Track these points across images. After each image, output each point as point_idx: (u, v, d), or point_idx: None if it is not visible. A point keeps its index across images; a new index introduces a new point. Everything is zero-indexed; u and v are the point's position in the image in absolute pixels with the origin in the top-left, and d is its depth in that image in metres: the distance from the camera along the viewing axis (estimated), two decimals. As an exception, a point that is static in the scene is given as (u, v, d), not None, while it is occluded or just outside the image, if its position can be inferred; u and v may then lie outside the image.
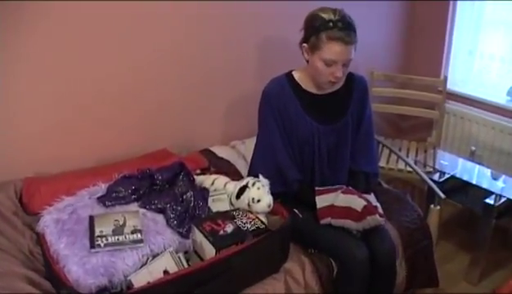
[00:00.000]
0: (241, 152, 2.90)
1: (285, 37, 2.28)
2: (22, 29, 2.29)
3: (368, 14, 3.54)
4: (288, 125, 2.26)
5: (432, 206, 2.60)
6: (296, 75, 2.31)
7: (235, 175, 2.47)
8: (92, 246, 1.81)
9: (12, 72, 2.33)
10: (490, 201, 2.83)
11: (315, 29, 2.09)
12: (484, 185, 3.02)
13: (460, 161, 3.40)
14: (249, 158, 2.47)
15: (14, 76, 2.34)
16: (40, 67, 2.39)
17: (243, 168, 2.69)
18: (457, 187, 3.12)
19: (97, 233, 1.85)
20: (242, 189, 2.07)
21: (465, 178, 3.13)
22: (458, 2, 3.59)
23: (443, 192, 2.62)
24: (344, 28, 2.05)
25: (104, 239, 1.83)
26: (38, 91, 2.42)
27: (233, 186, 2.15)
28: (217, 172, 2.44)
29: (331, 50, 2.07)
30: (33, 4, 2.26)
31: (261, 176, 2.13)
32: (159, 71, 2.76)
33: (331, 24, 2.05)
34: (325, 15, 2.07)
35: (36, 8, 2.28)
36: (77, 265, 1.75)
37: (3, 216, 2.18)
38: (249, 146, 2.68)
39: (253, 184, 2.07)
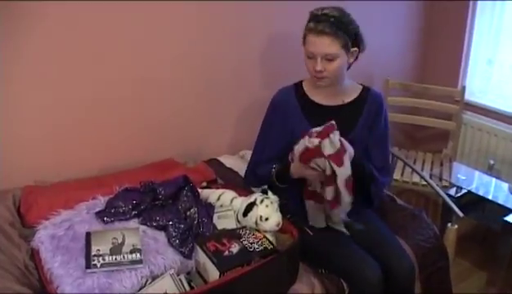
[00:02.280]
0: (250, 163, 2.78)
1: (294, 45, 2.19)
2: (23, 34, 2.22)
3: (383, 21, 3.47)
4: (291, 135, 2.16)
5: (449, 224, 2.46)
6: (305, 84, 2.25)
7: (242, 188, 2.35)
8: (88, 266, 1.70)
9: (12, 76, 2.26)
10: (509, 219, 2.70)
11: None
12: (503, 201, 2.89)
13: (478, 175, 3.27)
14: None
15: (14, 81, 2.27)
16: (41, 72, 2.32)
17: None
18: (474, 202, 3.00)
19: (94, 252, 1.74)
20: (250, 206, 1.95)
21: (482, 193, 3.00)
22: (478, 8, 3.48)
23: (459, 208, 2.49)
24: (320, 20, 2.02)
25: (101, 259, 1.72)
26: (39, 97, 2.35)
27: (240, 202, 2.03)
28: (224, 186, 2.33)
29: (308, 41, 2.07)
30: (33, 5, 2.19)
31: (270, 193, 2.02)
32: (166, 78, 2.68)
33: (312, 17, 2.07)
34: (314, 11, 2.09)
35: (36, 10, 2.21)
36: (71, 286, 1.65)
37: (0, 227, 2.07)
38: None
39: (262, 202, 1.95)
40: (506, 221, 2.70)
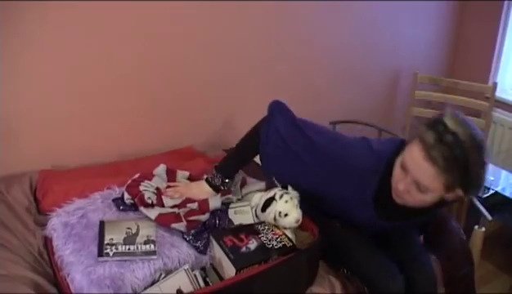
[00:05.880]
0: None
1: (313, 36, 2.10)
2: (42, 15, 2.17)
3: (413, 11, 3.37)
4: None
5: (476, 227, 2.36)
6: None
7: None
8: (100, 254, 1.66)
9: (32, 56, 2.21)
10: (538, 223, 2.61)
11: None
12: (531, 204, 2.79)
13: (505, 175, 3.16)
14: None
15: (34, 60, 2.22)
16: (62, 52, 2.27)
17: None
18: (500, 203, 2.89)
19: (107, 240, 1.70)
20: (268, 201, 1.87)
21: (509, 194, 2.90)
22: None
23: (486, 209, 2.38)
24: (443, 140, 1.54)
25: (113, 248, 1.68)
26: (59, 80, 2.31)
27: (258, 197, 1.95)
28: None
29: (411, 154, 1.62)
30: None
31: (290, 188, 1.93)
32: (187, 67, 2.64)
33: (434, 130, 1.57)
34: (436, 123, 1.60)
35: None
36: (81, 273, 1.61)
37: (16, 212, 2.04)
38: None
39: (281, 197, 1.86)
40: (535, 225, 2.61)
